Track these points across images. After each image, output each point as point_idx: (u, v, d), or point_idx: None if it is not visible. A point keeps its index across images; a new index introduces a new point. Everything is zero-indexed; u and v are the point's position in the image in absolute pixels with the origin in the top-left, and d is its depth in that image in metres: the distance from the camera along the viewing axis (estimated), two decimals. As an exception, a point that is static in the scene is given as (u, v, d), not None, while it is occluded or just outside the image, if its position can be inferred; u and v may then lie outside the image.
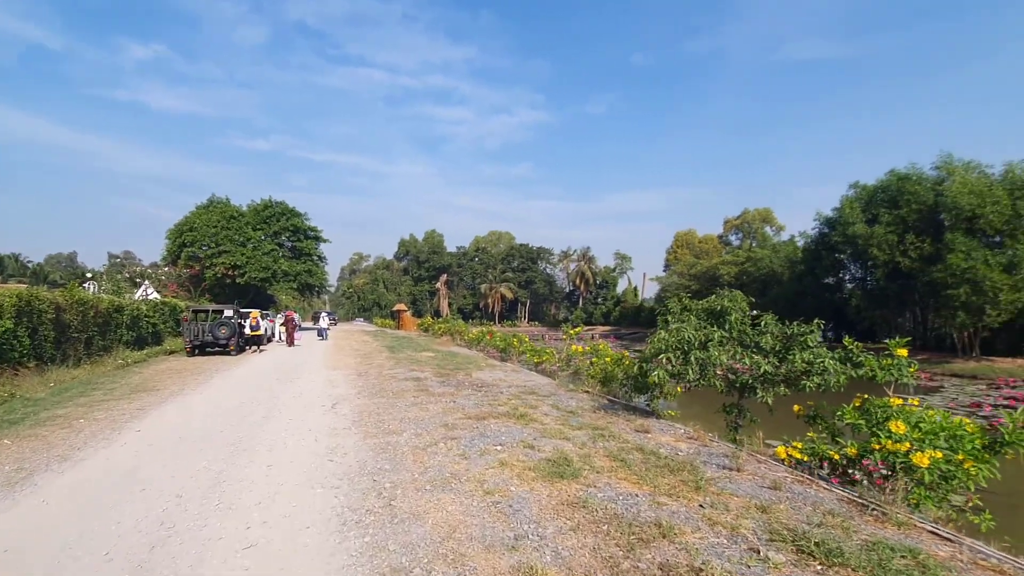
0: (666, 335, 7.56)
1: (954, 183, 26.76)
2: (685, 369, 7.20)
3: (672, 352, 7.36)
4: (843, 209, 30.92)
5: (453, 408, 8.40)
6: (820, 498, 4.67)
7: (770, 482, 5.03)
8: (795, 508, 4.39)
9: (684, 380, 7.27)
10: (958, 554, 3.63)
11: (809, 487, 4.95)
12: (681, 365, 7.30)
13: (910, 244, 27.12)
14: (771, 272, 38.78)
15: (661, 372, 7.39)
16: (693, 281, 48.76)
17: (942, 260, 25.93)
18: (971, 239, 25.33)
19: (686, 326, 7.63)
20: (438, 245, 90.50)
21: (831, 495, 4.79)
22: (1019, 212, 24.80)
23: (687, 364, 7.27)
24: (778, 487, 4.84)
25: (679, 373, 7.31)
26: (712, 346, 7.37)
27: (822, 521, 4.09)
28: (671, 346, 7.44)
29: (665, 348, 7.44)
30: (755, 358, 6.95)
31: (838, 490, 4.92)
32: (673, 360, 7.29)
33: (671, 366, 7.31)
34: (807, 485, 5.00)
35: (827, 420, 6.26)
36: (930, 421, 5.25)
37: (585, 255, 79.71)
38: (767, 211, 60.05)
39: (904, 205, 27.94)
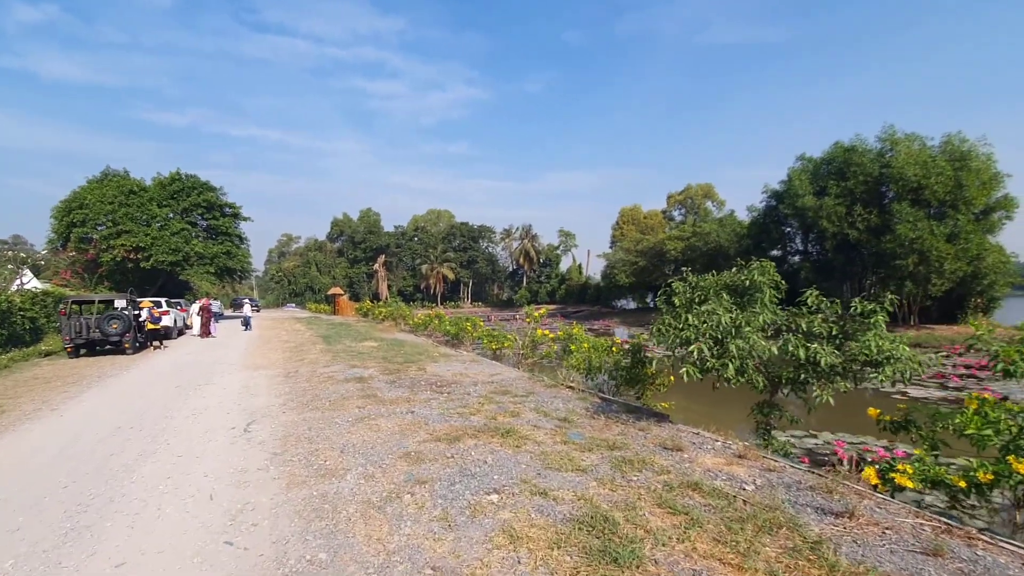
0: (695, 320, 5.83)
1: (899, 155, 27.04)
2: (724, 363, 5.51)
3: (705, 342, 5.65)
4: (791, 181, 30.86)
5: (413, 423, 6.35)
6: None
7: (917, 541, 3.40)
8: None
9: (722, 376, 5.60)
10: None
11: (976, 546, 3.35)
12: (717, 358, 5.62)
13: (858, 215, 27.30)
14: (718, 247, 38.72)
15: (691, 368, 5.67)
16: (640, 257, 48.42)
17: (890, 231, 26.24)
18: (917, 210, 25.72)
19: (718, 307, 5.94)
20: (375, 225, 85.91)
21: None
22: (960, 182, 25.32)
23: (725, 356, 5.59)
24: (939, 552, 3.20)
25: (713, 368, 5.62)
26: (750, 332, 5.73)
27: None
28: (703, 333, 5.73)
29: (695, 336, 5.72)
30: (812, 346, 5.36)
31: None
32: (707, 351, 5.58)
33: (708, 358, 5.60)
34: (970, 543, 3.40)
35: (922, 428, 4.78)
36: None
37: (528, 233, 78.16)
38: (708, 187, 60.70)
39: (851, 177, 28.05)
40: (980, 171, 25.77)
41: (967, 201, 25.50)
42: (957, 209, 25.41)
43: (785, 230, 33.93)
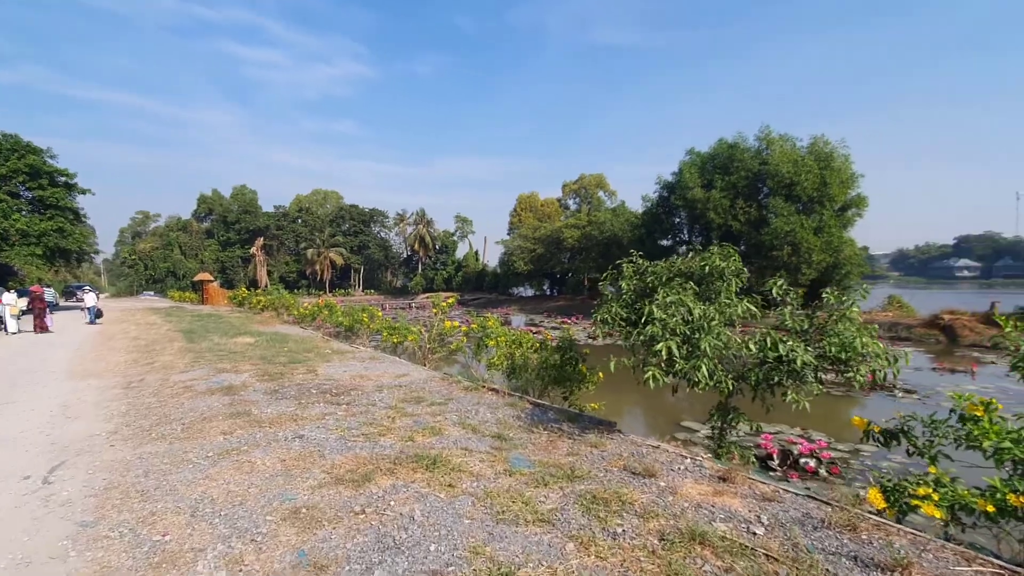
0: (660, 313, 4.88)
1: (774, 153, 29.22)
2: (696, 364, 4.63)
3: (673, 339, 4.73)
4: (682, 174, 32.28)
5: (303, 455, 4.77)
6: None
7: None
8: None
9: (691, 381, 4.72)
10: None
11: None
12: (685, 358, 4.72)
13: (739, 208, 29.19)
14: (613, 235, 39.76)
15: (656, 372, 4.72)
16: (538, 244, 48.53)
17: (766, 224, 28.33)
18: (789, 204, 27.98)
19: (687, 298, 5.05)
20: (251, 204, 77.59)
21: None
22: (825, 180, 27.94)
23: (697, 356, 4.71)
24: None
25: (682, 371, 4.73)
26: (719, 327, 4.93)
27: None
28: (670, 329, 4.80)
29: (662, 333, 4.77)
30: (790, 343, 4.66)
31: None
32: (676, 351, 4.66)
33: (678, 359, 4.68)
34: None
35: (915, 438, 4.23)
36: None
37: (423, 218, 75.40)
38: (600, 177, 62.50)
39: (734, 172, 29.92)
40: (840, 171, 28.65)
41: (831, 198, 28.22)
42: (823, 205, 28.03)
43: (675, 220, 35.56)
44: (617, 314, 6.10)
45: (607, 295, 6.69)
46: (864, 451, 8.55)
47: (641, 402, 12.72)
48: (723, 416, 5.58)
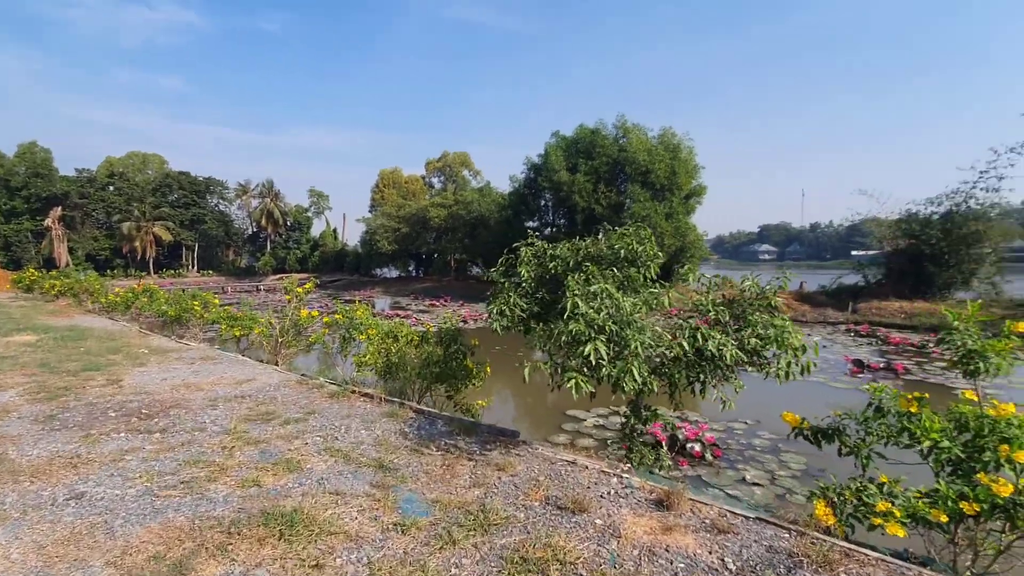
0: (586, 306, 4.05)
1: (631, 141, 30.76)
2: (625, 367, 3.88)
3: (600, 338, 3.92)
4: (548, 156, 32.60)
5: (76, 532, 3.13)
6: None
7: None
8: None
9: (619, 385, 3.97)
10: None
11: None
12: (613, 361, 3.96)
13: (602, 193, 30.32)
14: (480, 216, 39.18)
15: (580, 380, 3.89)
16: (403, 223, 46.18)
17: (625, 209, 29.81)
18: (645, 191, 29.69)
19: (612, 287, 4.28)
20: (44, 165, 62.62)
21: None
22: (674, 170, 30.11)
23: (622, 358, 3.97)
24: None
25: (609, 375, 3.96)
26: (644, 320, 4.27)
27: None
28: (597, 326, 3.99)
29: (586, 330, 3.94)
30: (719, 337, 4.15)
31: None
32: (604, 352, 3.87)
33: (606, 362, 3.88)
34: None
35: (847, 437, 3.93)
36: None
37: (270, 190, 67.53)
38: (465, 155, 61.36)
39: (597, 157, 30.96)
40: (686, 161, 31.13)
41: (679, 186, 30.54)
42: (672, 192, 30.23)
43: (541, 203, 36.00)
44: (516, 305, 5.23)
45: (500, 283, 5.78)
46: (736, 429, 8.85)
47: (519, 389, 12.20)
48: (637, 416, 5.01)
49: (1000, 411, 3.32)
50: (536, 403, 10.68)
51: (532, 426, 8.95)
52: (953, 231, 23.26)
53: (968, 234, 23.11)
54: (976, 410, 3.45)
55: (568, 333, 3.86)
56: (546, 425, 8.98)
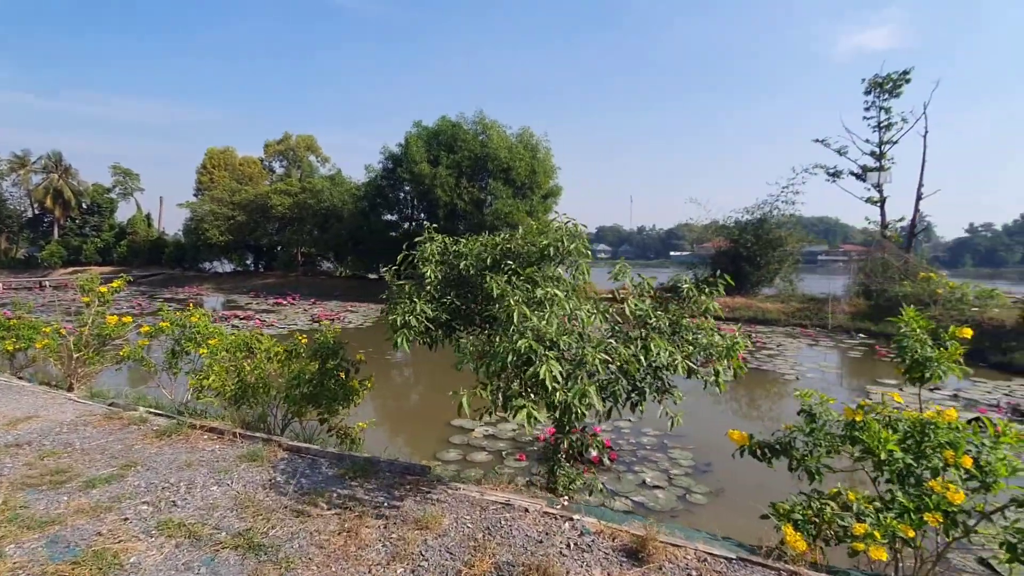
0: (536, 318, 3.26)
1: (492, 138, 30.69)
2: (582, 390, 3.20)
3: (551, 355, 3.17)
4: (409, 146, 31.03)
5: None
6: None
7: None
8: None
9: (576, 412, 3.28)
10: None
11: None
12: (566, 386, 3.24)
13: (464, 188, 29.74)
14: (332, 206, 36.04)
15: (531, 408, 3.11)
16: (239, 211, 40.57)
17: (488, 205, 29.66)
18: (507, 187, 29.82)
19: (558, 292, 3.55)
20: None
21: None
22: (534, 168, 30.72)
23: (574, 378, 3.29)
24: None
25: (563, 401, 3.24)
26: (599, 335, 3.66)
27: None
28: (548, 341, 3.24)
29: (537, 348, 3.16)
30: (668, 348, 3.70)
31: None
32: (559, 374, 3.13)
33: (559, 386, 3.14)
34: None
35: (796, 450, 3.74)
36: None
37: (59, 164, 54.87)
38: (311, 139, 56.05)
39: (459, 151, 30.27)
40: (544, 161, 32.02)
41: (538, 185, 31.27)
42: (532, 191, 30.84)
43: (400, 195, 34.30)
44: (422, 313, 4.30)
45: (400, 286, 4.79)
46: (623, 428, 8.84)
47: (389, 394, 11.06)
48: (561, 431, 4.42)
49: (944, 417, 3.35)
50: (415, 415, 9.67)
51: (417, 444, 7.97)
52: (763, 236, 27.03)
53: (774, 239, 27.03)
54: (917, 415, 3.45)
55: (515, 351, 3.07)
56: (432, 440, 8.07)
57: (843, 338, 18.39)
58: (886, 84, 25.41)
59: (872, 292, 22.44)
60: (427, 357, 13.18)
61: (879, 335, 18.79)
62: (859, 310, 21.90)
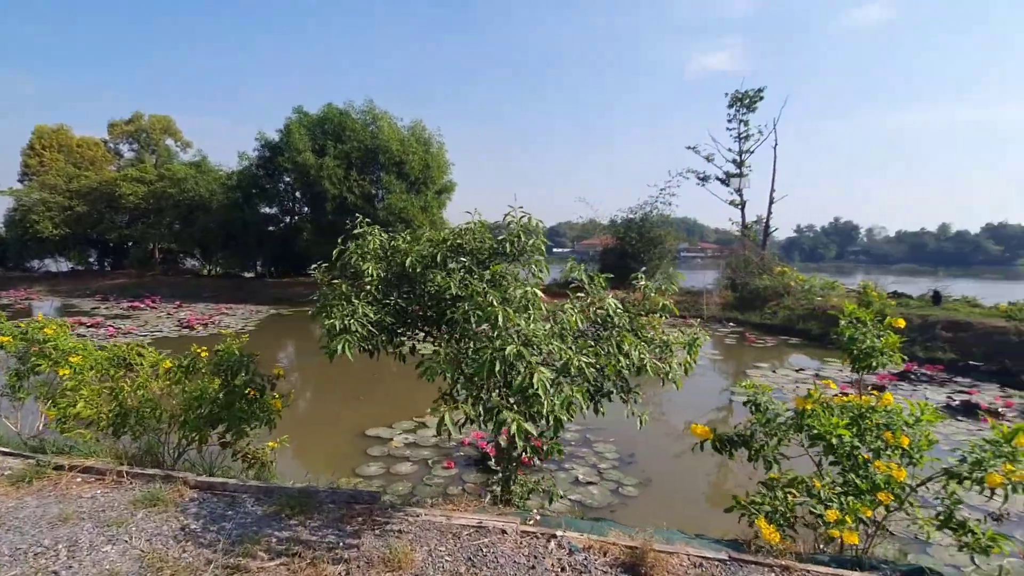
0: (523, 323, 2.94)
1: (382, 129, 29.41)
2: (568, 399, 2.95)
3: (535, 359, 2.88)
4: (291, 134, 28.54)
5: None
6: None
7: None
8: None
9: (559, 425, 3.02)
10: None
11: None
12: (508, 405, 2.96)
13: (355, 181, 28.09)
14: (198, 196, 32.08)
15: (520, 422, 2.80)
16: (78, 200, 34.47)
17: (382, 199, 28.39)
18: (401, 182, 28.72)
19: (537, 292, 3.25)
20: None
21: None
22: (428, 163, 29.95)
23: (556, 385, 3.03)
24: None
25: (550, 414, 2.96)
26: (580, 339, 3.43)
27: None
28: (536, 348, 2.94)
29: (526, 357, 2.84)
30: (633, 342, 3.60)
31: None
32: (548, 381, 2.84)
33: (545, 397, 2.85)
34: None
35: (754, 442, 3.84)
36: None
37: None
38: (167, 120, 49.15)
39: (348, 141, 28.55)
40: (438, 155, 31.40)
41: (432, 180, 30.58)
42: (427, 186, 30.09)
43: (281, 187, 31.57)
44: (364, 316, 3.82)
45: (334, 286, 4.22)
46: (544, 425, 8.79)
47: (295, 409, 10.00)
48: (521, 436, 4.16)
49: (883, 401, 3.64)
50: (325, 427, 8.81)
51: (333, 460, 7.24)
52: (645, 234, 28.96)
53: (654, 237, 29.07)
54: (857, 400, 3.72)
55: (503, 358, 2.75)
56: (348, 454, 7.39)
57: (717, 327, 20.20)
58: (744, 100, 28.34)
59: (737, 285, 24.96)
60: (328, 363, 12.31)
61: (746, 323, 21.02)
62: (728, 301, 24.24)
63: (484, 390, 3.02)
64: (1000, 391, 11.33)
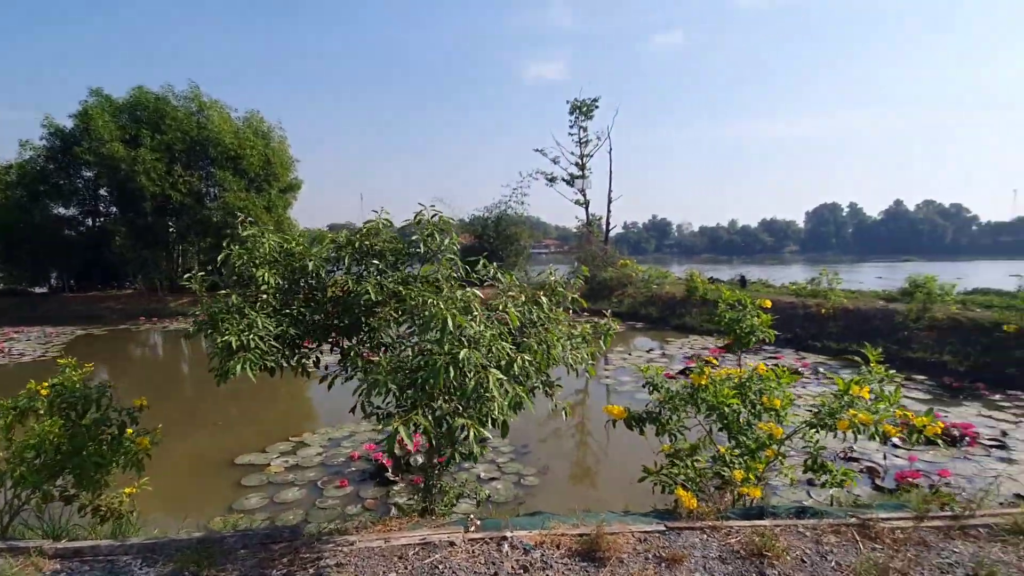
0: (474, 326, 2.78)
1: (212, 119, 26.18)
2: (518, 399, 2.91)
3: (479, 361, 2.79)
4: (93, 121, 23.78)
5: None
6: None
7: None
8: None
9: (506, 426, 2.97)
10: None
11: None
12: (459, 412, 2.90)
13: (179, 177, 24.48)
14: (-40, 195, 25.29)
15: (477, 430, 2.68)
16: None
17: (215, 197, 25.26)
18: (239, 179, 25.79)
19: (476, 293, 3.13)
20: None
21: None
22: (269, 159, 27.35)
23: (482, 404, 2.97)
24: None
25: (502, 415, 2.89)
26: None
27: None
28: (487, 349, 2.83)
29: (479, 358, 2.72)
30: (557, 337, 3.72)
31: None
32: (507, 385, 2.76)
33: (502, 399, 2.76)
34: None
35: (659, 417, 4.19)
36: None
37: None
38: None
39: (169, 131, 24.74)
40: (281, 151, 28.90)
41: (275, 177, 28.04)
42: (270, 184, 27.50)
43: (80, 183, 26.33)
44: (264, 330, 3.41)
45: (209, 301, 3.67)
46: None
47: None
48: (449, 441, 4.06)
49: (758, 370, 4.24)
50: (185, 460, 7.58)
51: (204, 498, 6.30)
52: (502, 232, 29.92)
53: (511, 235, 30.16)
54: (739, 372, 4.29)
55: (455, 363, 2.62)
56: (219, 490, 6.48)
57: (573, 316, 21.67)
58: (583, 108, 30.65)
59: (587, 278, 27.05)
60: (168, 389, 11.08)
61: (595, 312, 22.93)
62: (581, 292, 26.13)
63: (434, 399, 2.87)
64: (796, 354, 13.79)
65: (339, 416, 8.71)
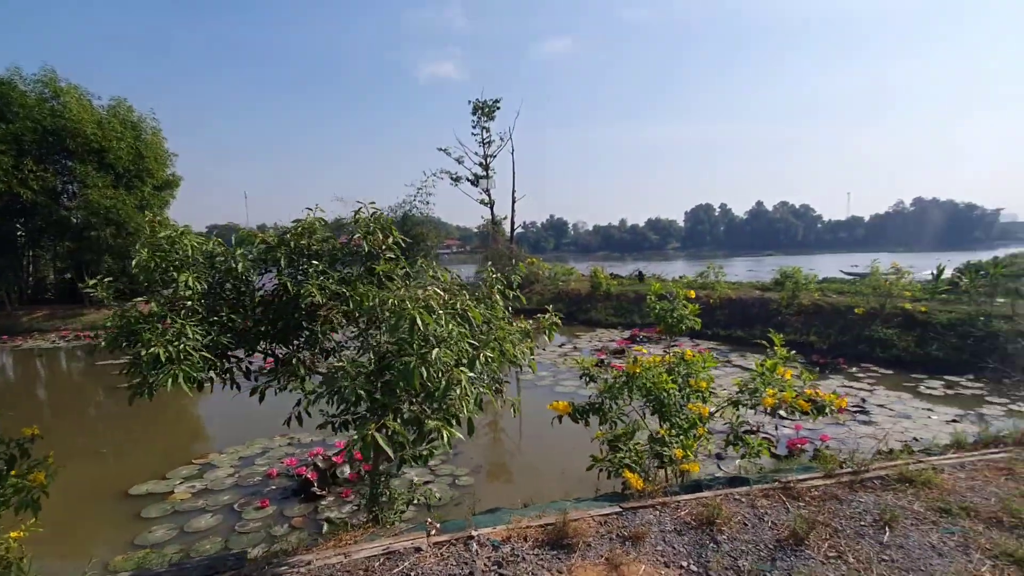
0: (443, 325, 2.71)
1: (70, 107, 22.91)
2: (480, 398, 2.90)
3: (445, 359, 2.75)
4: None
5: None
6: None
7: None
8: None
9: (472, 425, 2.95)
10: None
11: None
12: (427, 414, 2.87)
13: (31, 172, 21.09)
14: None
15: (447, 431, 2.63)
16: None
17: (76, 195, 22.12)
18: (105, 175, 22.78)
19: (438, 292, 3.04)
20: None
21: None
22: (141, 153, 24.49)
23: (449, 405, 2.96)
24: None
25: (466, 417, 2.86)
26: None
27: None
28: (456, 348, 2.78)
29: (450, 358, 2.67)
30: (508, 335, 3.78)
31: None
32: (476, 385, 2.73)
33: (467, 398, 2.73)
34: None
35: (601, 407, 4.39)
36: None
37: None
38: None
39: (17, 120, 21.23)
40: (154, 144, 26.01)
41: (150, 172, 25.21)
42: (142, 180, 24.64)
43: None
44: (194, 339, 3.13)
45: (121, 311, 3.28)
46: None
47: None
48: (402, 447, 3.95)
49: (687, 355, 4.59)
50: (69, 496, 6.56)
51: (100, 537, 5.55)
52: (408, 232, 29.34)
53: (418, 235, 29.66)
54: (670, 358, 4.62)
55: (426, 364, 2.56)
56: (117, 525, 5.74)
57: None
58: (485, 109, 30.88)
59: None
60: (31, 413, 9.90)
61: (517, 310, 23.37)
62: (492, 291, 26.36)
63: (402, 401, 2.78)
64: (691, 342, 14.98)
65: (244, 432, 8.08)
